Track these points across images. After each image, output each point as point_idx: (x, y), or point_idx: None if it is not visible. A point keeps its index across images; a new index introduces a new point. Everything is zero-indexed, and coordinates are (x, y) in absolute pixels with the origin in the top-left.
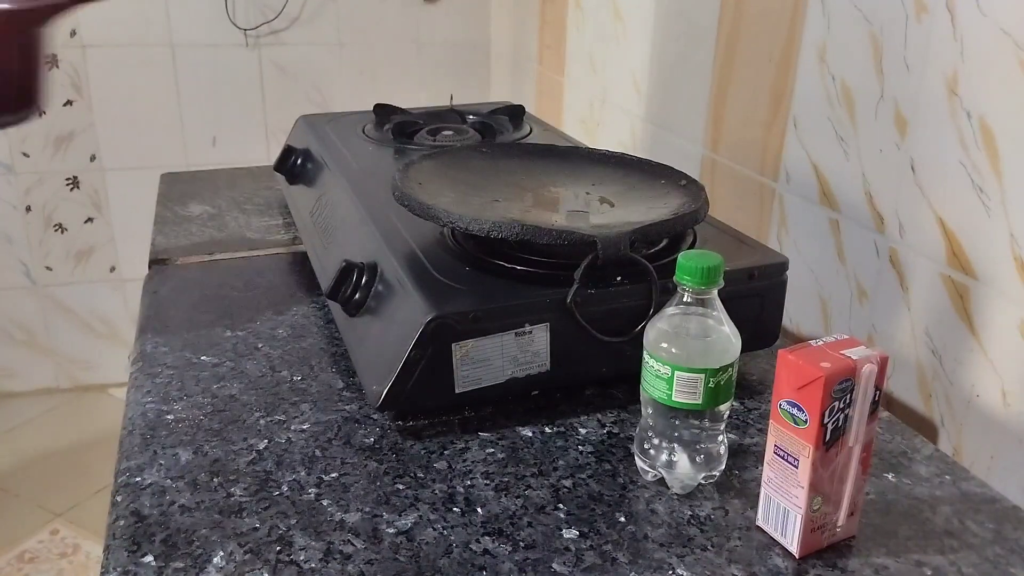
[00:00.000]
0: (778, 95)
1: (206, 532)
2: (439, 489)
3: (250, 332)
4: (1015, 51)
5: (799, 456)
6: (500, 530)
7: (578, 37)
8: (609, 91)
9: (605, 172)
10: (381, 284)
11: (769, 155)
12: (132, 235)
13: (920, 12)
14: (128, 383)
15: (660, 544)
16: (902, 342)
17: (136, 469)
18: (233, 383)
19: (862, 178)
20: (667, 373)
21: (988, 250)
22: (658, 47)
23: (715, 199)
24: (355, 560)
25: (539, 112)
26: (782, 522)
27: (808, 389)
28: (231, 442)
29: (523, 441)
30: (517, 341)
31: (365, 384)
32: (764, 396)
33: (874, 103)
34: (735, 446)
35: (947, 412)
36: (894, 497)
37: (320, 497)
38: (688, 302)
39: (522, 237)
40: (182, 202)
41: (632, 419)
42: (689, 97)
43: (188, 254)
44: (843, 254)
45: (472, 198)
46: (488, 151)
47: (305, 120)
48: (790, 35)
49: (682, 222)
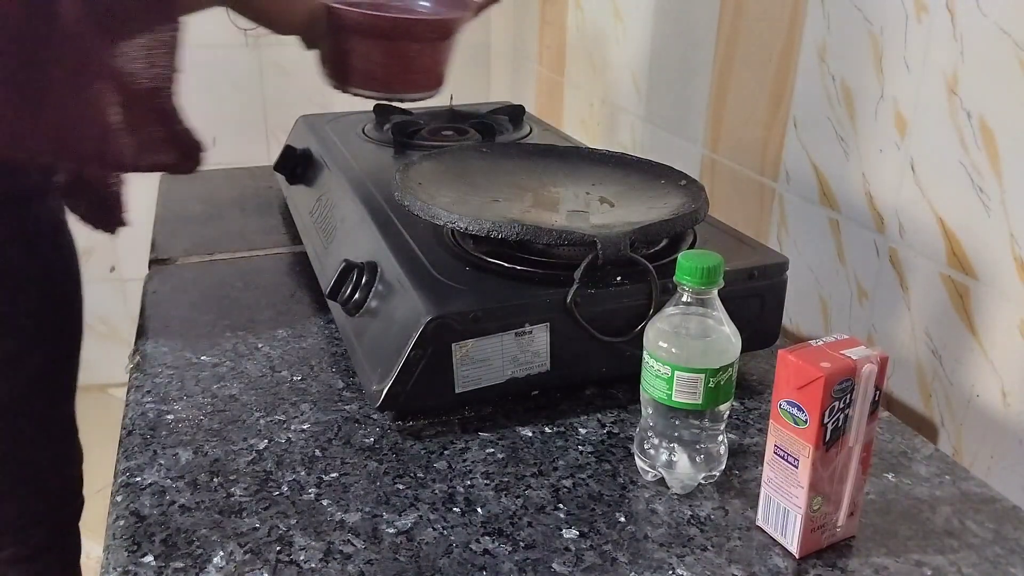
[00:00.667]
0: (778, 95)
1: (206, 532)
2: (439, 489)
3: (250, 332)
4: (1015, 51)
5: (799, 456)
6: (500, 530)
7: (578, 37)
8: (609, 91)
9: (605, 172)
10: (381, 284)
11: (769, 155)
12: (132, 235)
13: (920, 12)
14: (128, 383)
15: (660, 544)
16: (902, 342)
17: (136, 469)
18: (233, 383)
19: (862, 178)
20: (667, 373)
21: (988, 250)
22: (658, 47)
23: (715, 199)
24: (355, 560)
25: (539, 112)
26: (782, 522)
27: (808, 389)
28: (231, 442)
29: (523, 441)
30: (517, 341)
31: (365, 384)
32: (764, 396)
33: (874, 103)
34: (735, 446)
35: (947, 412)
36: (894, 497)
37: (320, 497)
38: (688, 302)
39: (522, 237)
40: (182, 202)
41: (632, 419)
42: (689, 97)
43: (188, 254)
44: (843, 254)
45: (472, 198)
46: (488, 151)
47: (305, 120)
48: (790, 35)
49: (682, 222)
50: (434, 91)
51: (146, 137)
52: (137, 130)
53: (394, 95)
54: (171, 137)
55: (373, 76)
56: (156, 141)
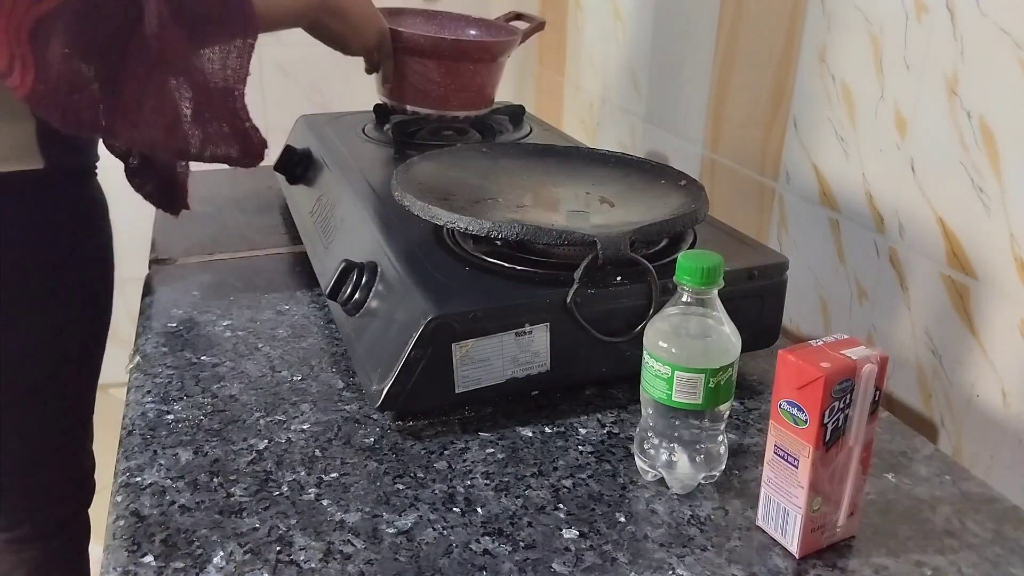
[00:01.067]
0: (778, 95)
1: (206, 532)
2: (439, 489)
3: (250, 332)
4: (1015, 51)
5: (799, 456)
6: (500, 530)
7: (578, 37)
8: (609, 91)
9: (605, 172)
10: (381, 284)
11: (769, 155)
12: (132, 235)
13: (920, 12)
14: (128, 383)
15: (660, 544)
16: (902, 342)
17: (136, 469)
18: (233, 383)
19: (862, 178)
20: (667, 373)
21: (988, 250)
22: (658, 47)
23: (715, 199)
24: (355, 560)
25: (539, 112)
26: (782, 522)
27: (808, 389)
28: (231, 442)
29: (523, 441)
30: (517, 341)
31: (365, 384)
32: (764, 396)
33: (874, 103)
34: (735, 446)
35: (947, 412)
36: (894, 497)
37: (320, 497)
38: (688, 302)
39: (522, 237)
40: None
41: (632, 419)
42: (689, 97)
43: (188, 254)
44: (843, 254)
45: (472, 198)
46: (488, 151)
47: (305, 120)
48: (790, 35)
49: (682, 222)
50: (484, 109)
51: (213, 131)
52: (206, 124)
53: (448, 111)
54: (237, 133)
55: (430, 94)
56: (223, 136)
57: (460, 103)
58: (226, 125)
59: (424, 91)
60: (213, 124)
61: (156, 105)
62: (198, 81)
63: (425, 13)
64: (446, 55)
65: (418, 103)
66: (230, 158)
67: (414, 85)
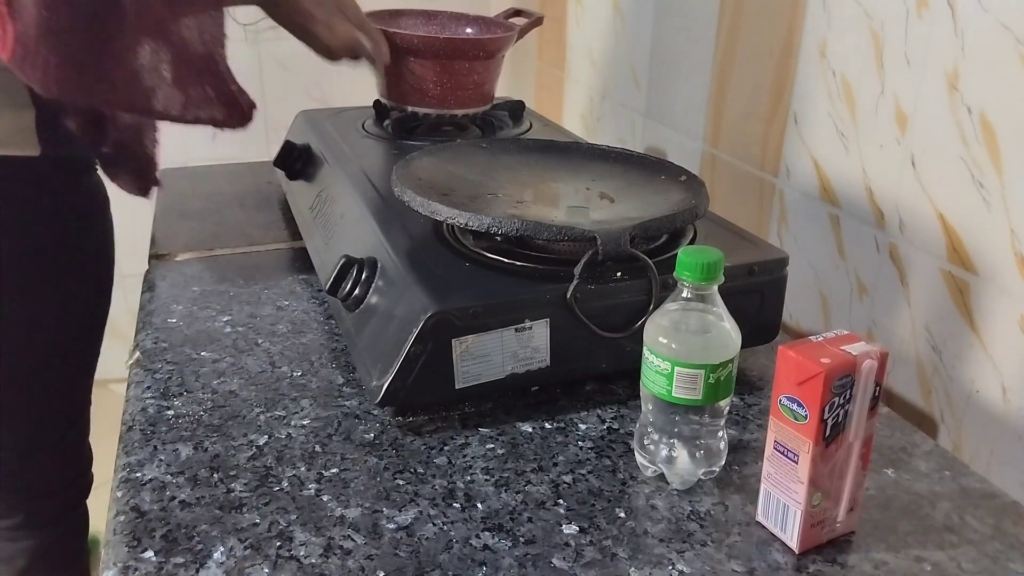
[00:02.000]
0: (778, 90)
1: (206, 527)
2: (439, 484)
3: (250, 328)
4: (1016, 46)
5: (799, 452)
6: (500, 525)
7: (578, 32)
8: (609, 86)
9: (605, 168)
10: (381, 280)
11: (769, 150)
12: (132, 230)
13: (921, 7)
14: (128, 378)
15: (660, 540)
16: (902, 338)
17: (136, 465)
18: (233, 379)
19: (862, 173)
20: (667, 369)
21: (988, 245)
22: (658, 42)
23: (715, 195)
24: (355, 555)
25: (539, 107)
26: (782, 517)
27: (808, 385)
28: (231, 438)
29: (523, 437)
30: (517, 337)
31: (365, 380)
32: (764, 392)
33: (874, 98)
34: (735, 442)
35: (947, 408)
36: (894, 492)
37: (320, 492)
38: (688, 298)
39: (522, 233)
40: (182, 197)
41: (632, 415)
42: (689, 92)
43: (188, 249)
44: (843, 250)
45: (472, 194)
46: (488, 147)
47: (305, 116)
48: (790, 30)
49: (682, 218)
50: (484, 106)
51: (195, 94)
52: (187, 87)
53: (448, 110)
54: (222, 96)
55: (428, 94)
56: (206, 99)
57: (459, 101)
58: (210, 88)
59: (422, 91)
60: (195, 87)
61: (134, 68)
62: (176, 44)
63: (425, 13)
64: (441, 54)
65: (417, 103)
66: (215, 120)
67: (412, 85)
